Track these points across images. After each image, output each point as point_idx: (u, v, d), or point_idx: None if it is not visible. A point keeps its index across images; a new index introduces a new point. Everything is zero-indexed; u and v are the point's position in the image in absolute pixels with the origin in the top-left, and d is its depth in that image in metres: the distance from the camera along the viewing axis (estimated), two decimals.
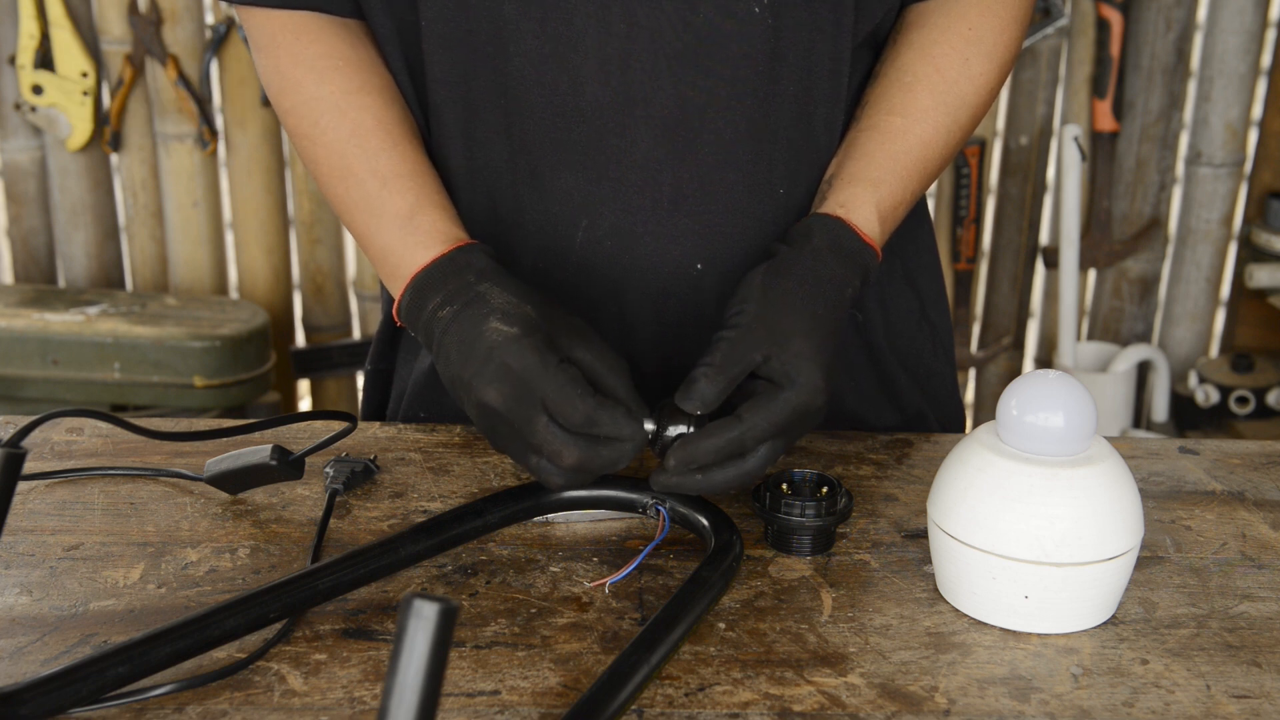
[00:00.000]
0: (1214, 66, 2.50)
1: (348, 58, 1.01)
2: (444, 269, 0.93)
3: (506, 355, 0.86)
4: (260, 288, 2.67)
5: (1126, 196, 2.59)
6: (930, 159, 1.02)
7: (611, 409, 0.85)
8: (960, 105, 1.03)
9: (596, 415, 0.85)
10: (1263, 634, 0.84)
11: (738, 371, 0.88)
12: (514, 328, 0.87)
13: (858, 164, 1.00)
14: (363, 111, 1.00)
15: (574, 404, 0.84)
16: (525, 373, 0.85)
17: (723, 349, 0.88)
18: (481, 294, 0.90)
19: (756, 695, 0.76)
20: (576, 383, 0.85)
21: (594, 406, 0.85)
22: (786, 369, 0.88)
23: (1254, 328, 2.65)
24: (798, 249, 0.95)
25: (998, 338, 2.71)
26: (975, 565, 0.83)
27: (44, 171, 2.65)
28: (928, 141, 1.02)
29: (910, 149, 1.01)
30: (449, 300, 0.91)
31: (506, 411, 0.86)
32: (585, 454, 0.85)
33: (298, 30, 1.01)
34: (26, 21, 2.48)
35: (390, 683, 0.54)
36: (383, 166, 0.99)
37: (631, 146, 0.98)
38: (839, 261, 0.95)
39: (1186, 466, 1.06)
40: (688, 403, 0.87)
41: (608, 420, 0.85)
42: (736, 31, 0.96)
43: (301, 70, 1.01)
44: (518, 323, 0.87)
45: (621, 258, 1.02)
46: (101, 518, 0.95)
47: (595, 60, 0.96)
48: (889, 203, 1.00)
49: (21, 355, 2.38)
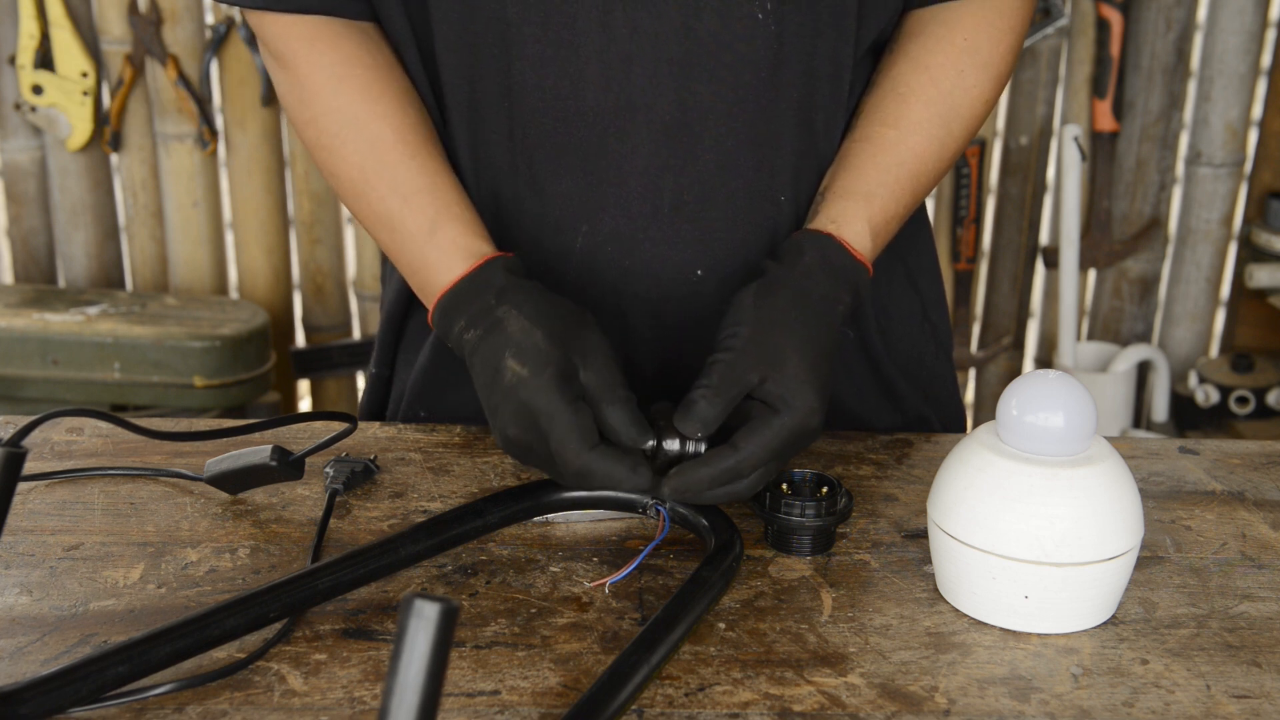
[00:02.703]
0: (1214, 66, 2.50)
1: (365, 63, 1.01)
2: (465, 291, 0.94)
3: (521, 395, 0.88)
4: (260, 288, 2.67)
5: (1126, 196, 2.59)
6: (924, 171, 1.02)
7: (609, 465, 0.87)
8: (954, 116, 1.02)
9: (591, 468, 0.86)
10: (1263, 634, 0.84)
11: (735, 393, 0.88)
12: (525, 368, 0.89)
13: (850, 177, 1.00)
14: (381, 122, 1.00)
15: (569, 456, 0.86)
16: (536, 416, 0.88)
17: (719, 371, 0.89)
18: (499, 320, 0.91)
19: (756, 695, 0.76)
20: (576, 433, 0.87)
21: (590, 460, 0.86)
22: (781, 392, 0.88)
23: (1254, 328, 2.65)
24: (788, 267, 0.95)
25: (998, 338, 2.71)
26: (975, 565, 0.83)
27: (44, 171, 2.65)
28: (921, 154, 1.01)
29: (903, 161, 1.01)
30: (472, 324, 0.93)
31: (529, 445, 0.89)
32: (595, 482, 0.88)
33: (313, 37, 1.01)
34: (26, 21, 2.48)
35: (390, 683, 0.54)
36: (402, 182, 0.99)
37: (633, 152, 0.98)
38: (829, 279, 0.95)
39: (1186, 466, 1.06)
40: (687, 425, 0.87)
41: (601, 474, 0.87)
42: (739, 38, 0.96)
43: (320, 77, 1.01)
44: (529, 360, 0.89)
45: (622, 262, 1.02)
46: (101, 518, 0.95)
47: (597, 65, 0.96)
48: (881, 217, 0.99)
49: (21, 355, 2.38)
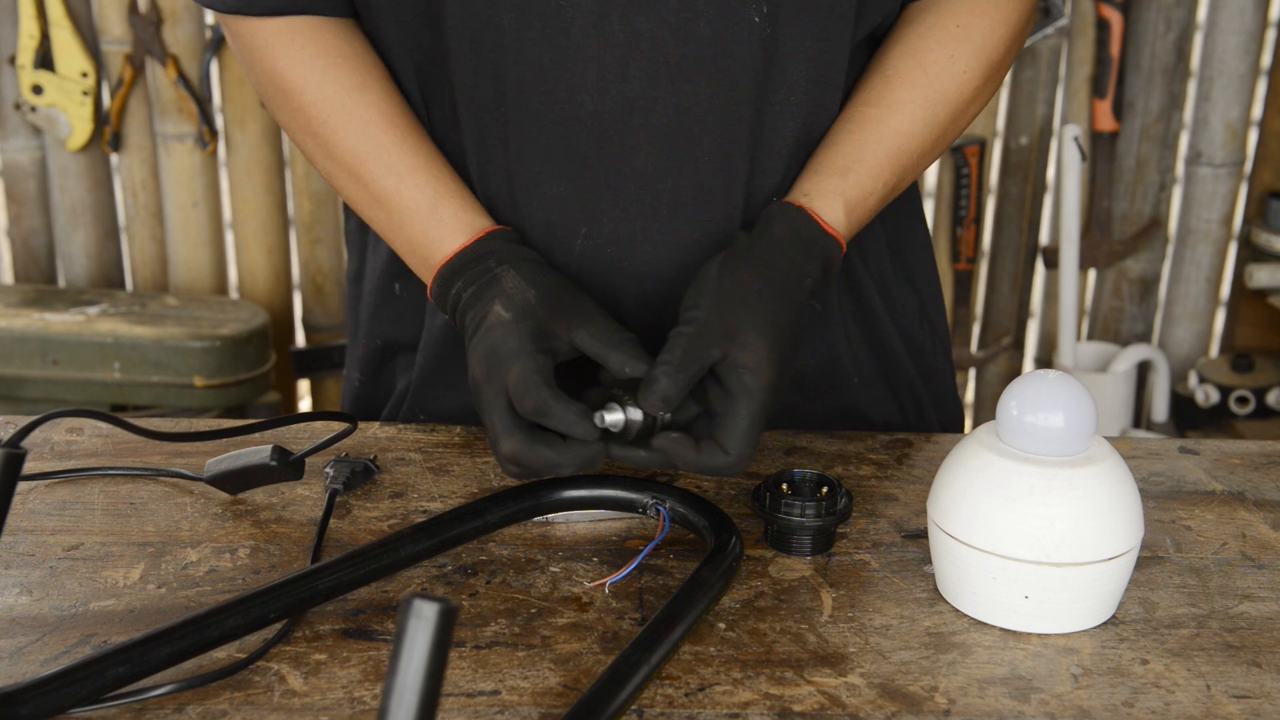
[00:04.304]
0: (1214, 66, 2.50)
1: (345, 54, 1.02)
2: (467, 258, 0.96)
3: (493, 336, 0.89)
4: (260, 288, 2.67)
5: (1126, 196, 2.59)
6: (907, 150, 1.01)
7: (565, 406, 0.86)
8: (942, 100, 1.01)
9: (548, 407, 0.86)
10: (1263, 634, 0.84)
11: (696, 369, 0.88)
12: (509, 312, 0.90)
13: (827, 153, 1.00)
14: (369, 108, 1.01)
15: (528, 391, 0.86)
16: (502, 355, 0.88)
17: (682, 345, 0.88)
18: (496, 276, 0.94)
19: (756, 695, 0.76)
20: (540, 372, 0.87)
21: (548, 397, 0.86)
22: (741, 374, 0.88)
23: (1254, 328, 2.65)
24: (755, 238, 0.95)
25: (998, 338, 2.71)
26: (975, 565, 0.83)
27: (44, 171, 2.65)
28: (903, 132, 1.00)
29: (883, 138, 1.00)
30: (470, 283, 0.95)
31: (478, 390, 0.89)
32: (521, 447, 0.87)
33: (291, 33, 1.01)
34: (26, 21, 2.48)
35: (390, 683, 0.54)
36: (396, 163, 1.00)
37: (631, 155, 0.98)
38: (798, 251, 0.94)
39: (1186, 466, 1.06)
40: (649, 402, 0.87)
41: (558, 413, 0.86)
42: (735, 41, 0.96)
43: (301, 71, 1.01)
44: (514, 307, 0.90)
45: (622, 264, 1.02)
46: (101, 518, 0.95)
47: (594, 69, 0.96)
48: (857, 193, 0.99)
49: (21, 355, 2.38)
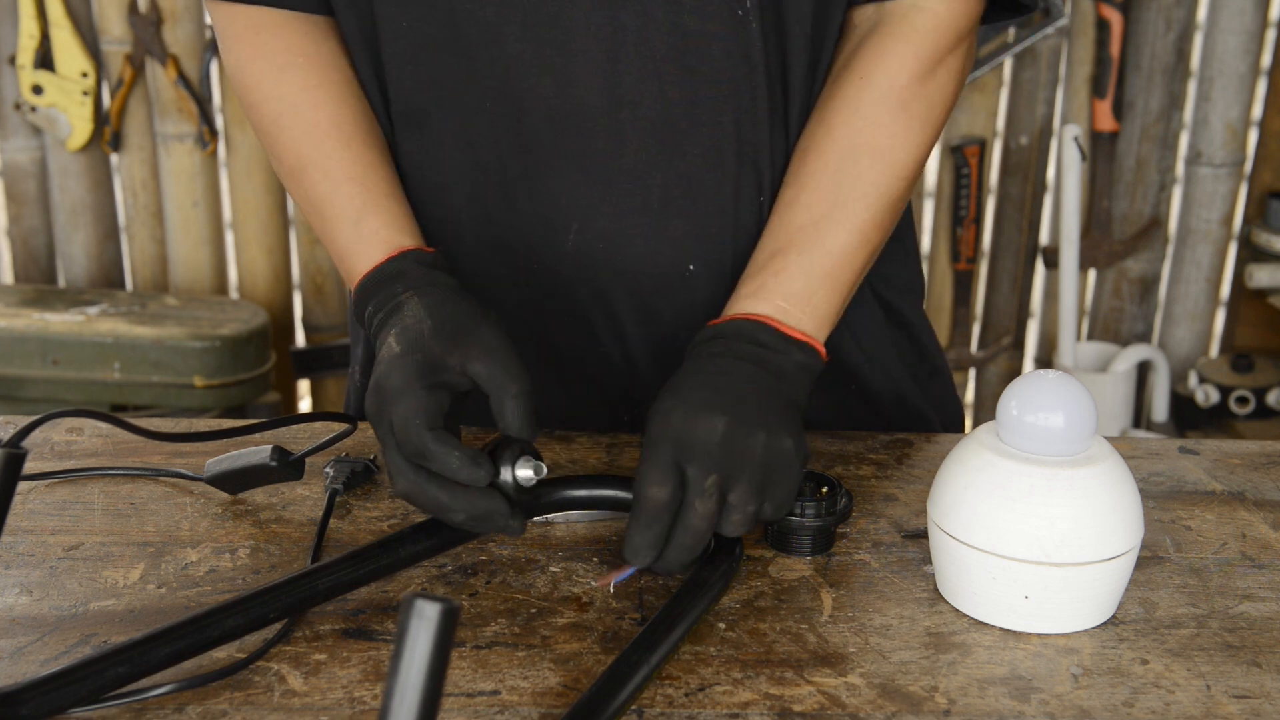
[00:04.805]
0: (1214, 66, 2.50)
1: (307, 54, 1.02)
2: (378, 279, 0.94)
3: (379, 371, 0.87)
4: (260, 288, 2.67)
5: (1126, 196, 2.59)
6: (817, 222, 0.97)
7: (447, 449, 0.82)
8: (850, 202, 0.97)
9: (427, 450, 0.83)
10: (1263, 634, 0.84)
11: (667, 519, 0.83)
12: (399, 345, 0.87)
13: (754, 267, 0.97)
14: (317, 110, 1.01)
15: (408, 434, 0.83)
16: (387, 392, 0.86)
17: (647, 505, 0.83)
18: (400, 304, 0.91)
19: (756, 695, 0.76)
20: (422, 413, 0.83)
21: (428, 441, 0.83)
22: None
23: (1254, 328, 2.65)
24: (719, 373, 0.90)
25: (998, 338, 2.71)
26: (975, 565, 0.83)
27: (44, 171, 2.65)
28: (812, 204, 0.97)
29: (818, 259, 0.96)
30: (378, 309, 0.93)
31: (376, 419, 0.87)
32: (412, 487, 0.84)
33: (259, 26, 1.02)
34: (26, 21, 2.48)
35: (391, 683, 0.54)
36: (334, 168, 1.00)
37: (620, 149, 0.99)
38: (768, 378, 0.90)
39: (1186, 466, 1.06)
40: (634, 560, 0.83)
41: (441, 458, 0.83)
42: (721, 34, 0.96)
43: (261, 64, 1.02)
44: (406, 340, 0.88)
45: (614, 260, 1.02)
46: (101, 518, 0.95)
47: (582, 63, 0.96)
48: (825, 310, 0.96)
49: (21, 355, 2.38)
